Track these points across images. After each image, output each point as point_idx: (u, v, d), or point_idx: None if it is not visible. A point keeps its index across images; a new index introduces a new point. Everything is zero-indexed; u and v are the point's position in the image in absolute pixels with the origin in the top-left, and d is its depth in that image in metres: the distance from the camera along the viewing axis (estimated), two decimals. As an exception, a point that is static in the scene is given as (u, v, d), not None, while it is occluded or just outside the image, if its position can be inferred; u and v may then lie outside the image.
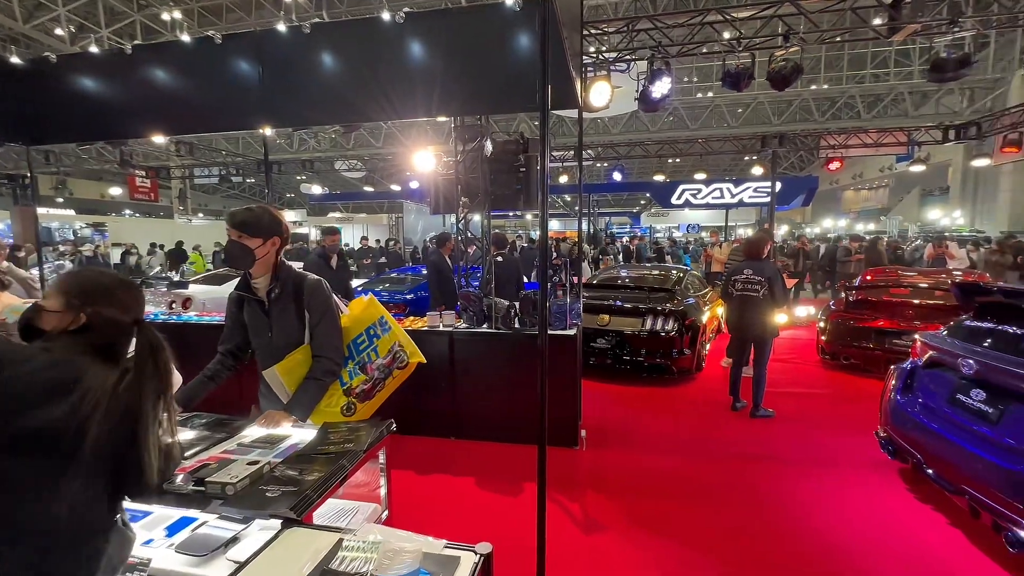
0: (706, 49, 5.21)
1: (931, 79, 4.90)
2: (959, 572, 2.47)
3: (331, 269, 5.00)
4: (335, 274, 5.07)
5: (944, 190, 25.31)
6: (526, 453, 2.68)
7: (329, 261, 5.03)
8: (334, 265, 5.05)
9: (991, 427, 2.53)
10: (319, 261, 5.08)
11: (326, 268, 4.98)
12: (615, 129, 24.49)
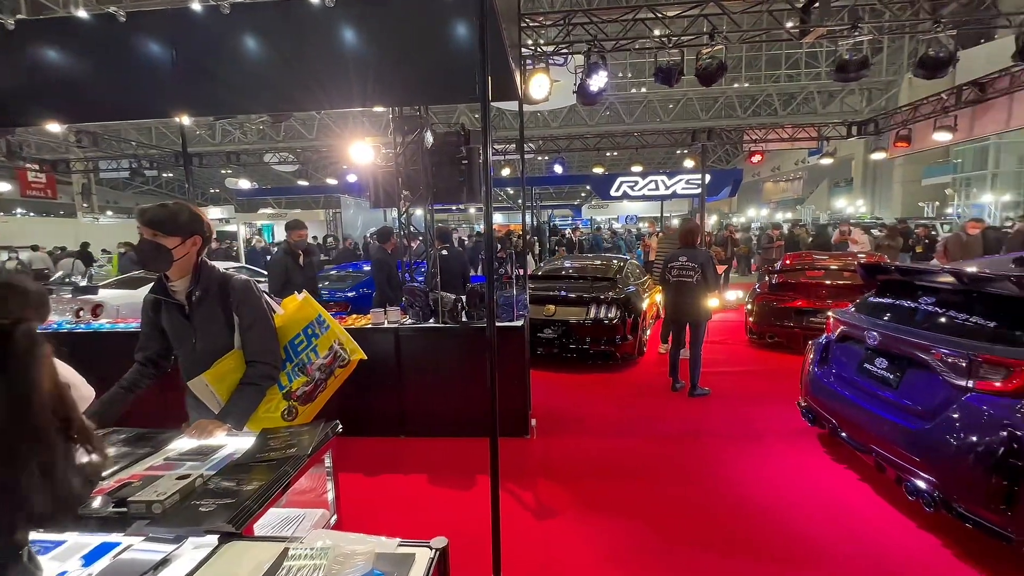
0: (639, 45, 5.40)
1: (836, 79, 5.41)
2: (869, 521, 2.76)
3: (299, 266, 4.67)
4: (305, 272, 4.76)
5: (848, 181, 27.95)
6: (478, 446, 2.68)
7: (297, 259, 4.69)
8: (302, 262, 4.72)
9: (892, 391, 2.84)
10: (285, 259, 4.71)
11: (295, 266, 4.66)
12: (555, 123, 24.88)
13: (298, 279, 4.64)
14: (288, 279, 4.61)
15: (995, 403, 2.29)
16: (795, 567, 2.42)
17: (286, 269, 4.67)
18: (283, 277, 4.61)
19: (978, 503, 2.28)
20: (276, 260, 4.91)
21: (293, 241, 4.74)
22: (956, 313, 2.73)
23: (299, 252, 4.73)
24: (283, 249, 4.83)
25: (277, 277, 4.64)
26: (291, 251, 4.76)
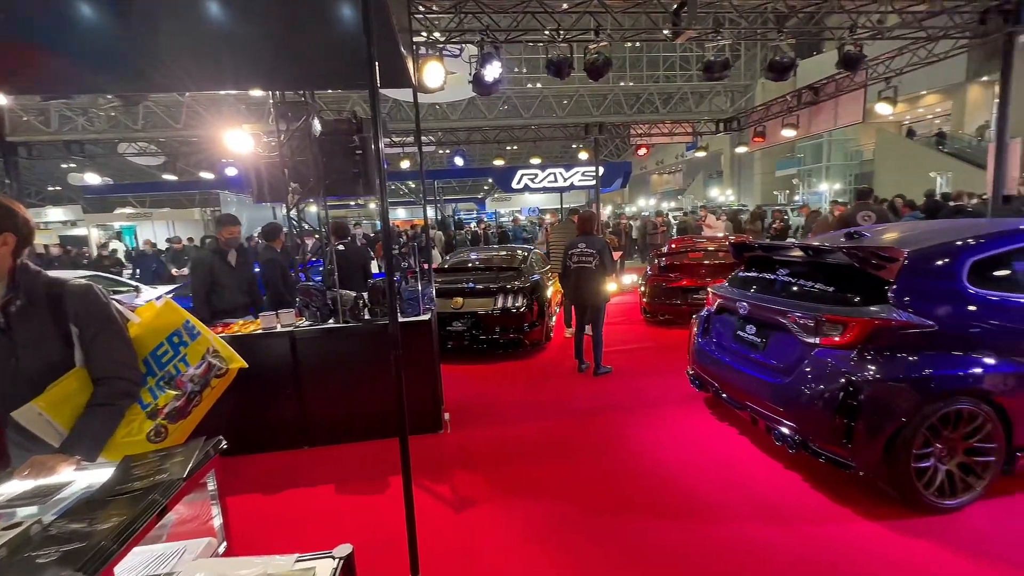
0: (531, 37, 5.53)
1: (704, 78, 6.03)
2: (748, 468, 3.14)
3: (231, 268, 4.12)
4: (237, 273, 4.18)
5: (719, 173, 31.42)
6: (390, 447, 2.58)
7: (226, 257, 4.11)
8: (234, 262, 4.16)
9: (760, 353, 3.24)
10: (213, 259, 4.09)
11: (224, 267, 4.10)
12: (454, 115, 24.66)
13: (228, 282, 4.09)
14: (215, 282, 4.05)
15: (836, 355, 2.72)
16: (693, 519, 2.67)
17: (211, 271, 4.05)
18: (208, 280, 4.04)
19: (827, 441, 2.69)
20: (200, 260, 4.20)
21: (224, 239, 4.12)
22: (806, 282, 3.18)
23: (229, 251, 4.15)
24: (210, 248, 4.15)
25: (201, 280, 4.05)
26: (221, 250, 4.12)
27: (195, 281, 4.13)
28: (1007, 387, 2.58)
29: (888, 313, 2.64)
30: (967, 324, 2.65)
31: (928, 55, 7.22)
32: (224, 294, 4.04)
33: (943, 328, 2.60)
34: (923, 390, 2.53)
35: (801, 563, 2.28)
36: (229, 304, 3.91)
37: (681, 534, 2.55)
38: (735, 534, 2.52)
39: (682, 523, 2.65)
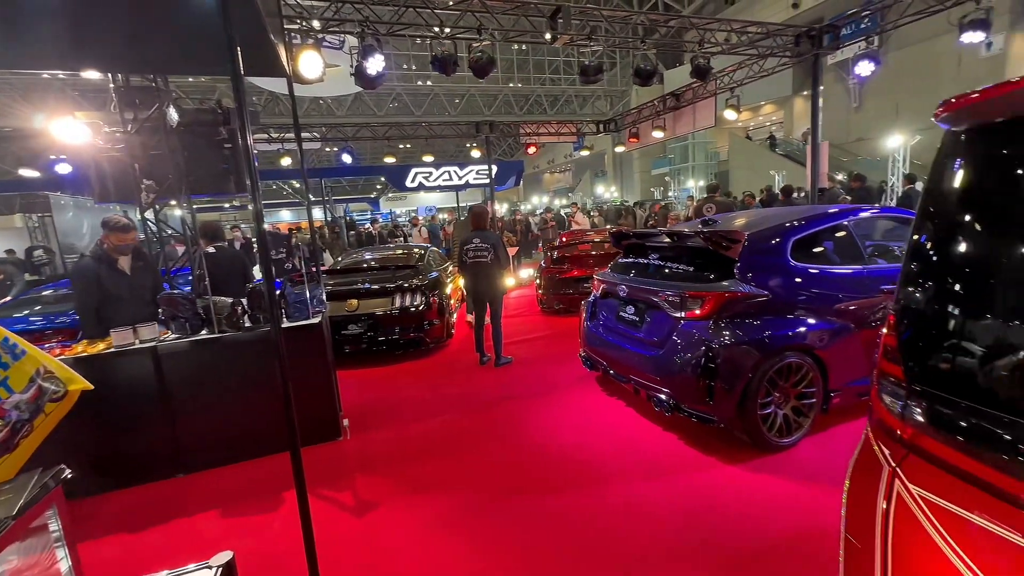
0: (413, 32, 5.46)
1: (582, 82, 6.50)
2: (635, 434, 3.47)
3: (118, 275, 3.55)
4: (134, 281, 3.59)
5: (604, 172, 33.78)
6: (284, 461, 2.41)
7: (116, 265, 3.54)
8: (127, 269, 3.60)
9: (638, 330, 3.59)
10: (99, 267, 3.46)
11: (114, 275, 3.51)
12: (340, 111, 23.42)
13: (123, 292, 3.54)
14: (107, 294, 3.49)
15: (697, 326, 3.11)
16: (587, 486, 2.89)
17: (98, 281, 3.46)
18: (95, 292, 3.48)
19: (695, 401, 3.09)
20: (81, 271, 3.53)
21: (117, 245, 3.52)
22: (673, 264, 3.59)
23: (119, 257, 3.59)
24: (93, 254, 3.57)
25: (86, 293, 3.47)
26: (107, 257, 3.52)
27: (78, 295, 3.55)
28: (823, 341, 3.16)
29: (735, 286, 3.09)
30: (791, 292, 3.19)
31: (760, 70, 8.60)
32: (121, 306, 3.50)
33: (774, 296, 3.11)
34: (763, 349, 3.00)
35: (678, 509, 2.60)
36: (129, 317, 3.37)
37: (577, 501, 2.75)
38: (623, 493, 2.78)
39: (578, 491, 2.85)
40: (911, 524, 1.15)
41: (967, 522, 1.03)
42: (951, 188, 1.12)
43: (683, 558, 2.24)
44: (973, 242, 1.08)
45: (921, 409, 1.12)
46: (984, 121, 1.05)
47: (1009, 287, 1.03)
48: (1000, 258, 1.05)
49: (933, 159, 1.17)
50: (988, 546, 1.00)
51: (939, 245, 1.14)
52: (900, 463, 1.19)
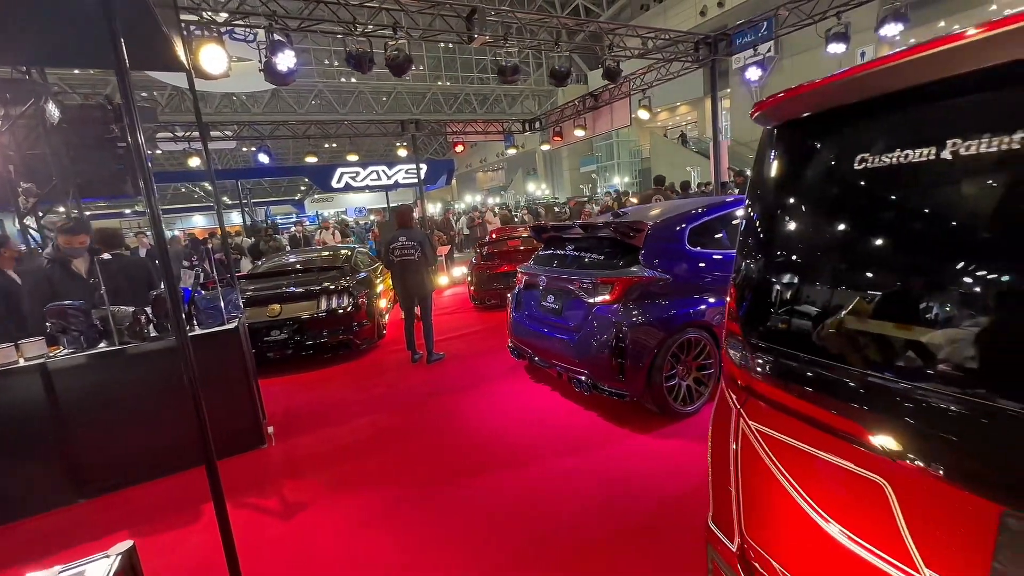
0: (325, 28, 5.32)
1: (500, 81, 6.69)
2: (560, 414, 3.68)
3: (72, 277, 3.46)
4: (88, 285, 3.41)
5: (535, 170, 34.46)
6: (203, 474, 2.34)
7: (69, 267, 3.46)
8: (83, 271, 3.53)
9: (558, 317, 3.80)
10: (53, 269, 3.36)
11: (67, 278, 3.42)
12: (256, 108, 22.08)
13: (73, 295, 3.33)
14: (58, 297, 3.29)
15: (608, 310, 3.37)
16: (514, 467, 3.04)
17: (49, 282, 3.35)
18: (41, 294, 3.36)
19: (609, 379, 3.34)
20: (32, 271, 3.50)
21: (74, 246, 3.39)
22: (587, 254, 3.84)
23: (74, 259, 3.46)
24: (48, 256, 3.44)
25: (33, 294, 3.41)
26: (64, 260, 3.39)
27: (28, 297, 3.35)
28: (718, 318, 3.53)
29: (640, 272, 3.37)
30: (690, 275, 3.54)
31: (667, 73, 9.27)
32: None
33: (675, 279, 3.43)
34: (666, 327, 3.31)
35: (594, 478, 2.82)
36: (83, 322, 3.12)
37: (505, 481, 2.89)
38: (547, 469, 2.97)
39: (506, 473, 3.00)
40: (751, 453, 1.39)
41: (787, 445, 1.27)
42: (768, 176, 1.36)
43: (595, 522, 2.45)
44: (784, 221, 1.33)
45: (753, 359, 1.36)
46: (786, 118, 1.30)
47: (812, 258, 1.27)
48: (804, 233, 1.30)
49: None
50: (801, 461, 1.24)
51: (761, 224, 1.38)
52: (743, 405, 1.43)
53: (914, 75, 0.93)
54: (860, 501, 1.11)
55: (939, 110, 0.98)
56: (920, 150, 0.98)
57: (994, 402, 0.88)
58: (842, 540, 1.14)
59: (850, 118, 1.13)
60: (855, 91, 1.07)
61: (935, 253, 1.00)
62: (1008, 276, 0.87)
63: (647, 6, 22.99)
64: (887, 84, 0.99)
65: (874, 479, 1.08)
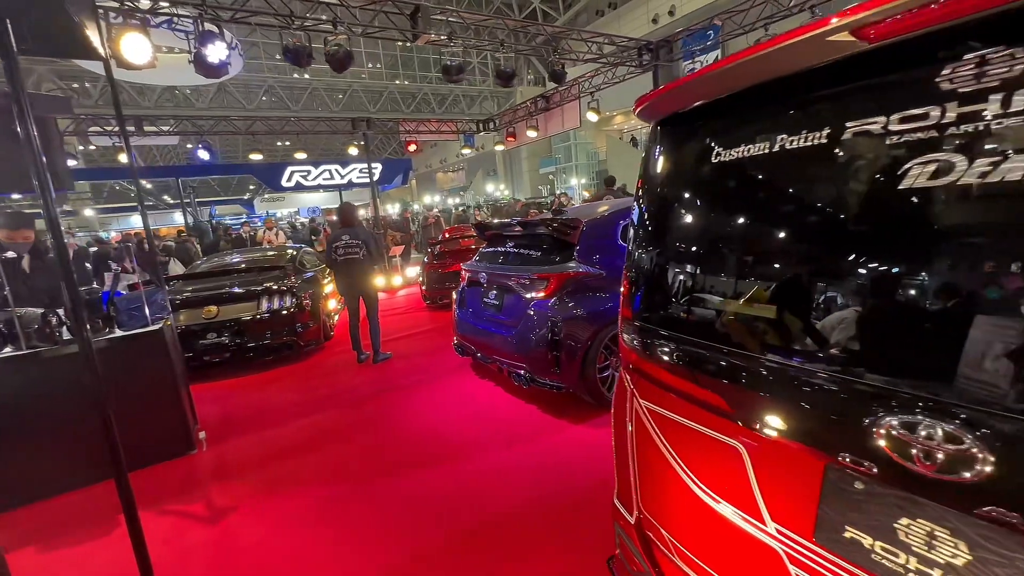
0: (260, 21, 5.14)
1: (445, 80, 6.70)
2: (500, 408, 3.73)
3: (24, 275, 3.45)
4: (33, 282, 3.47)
5: (495, 171, 34.54)
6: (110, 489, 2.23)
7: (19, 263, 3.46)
8: (28, 267, 3.52)
9: (499, 313, 3.86)
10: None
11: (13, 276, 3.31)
12: (200, 102, 21.06)
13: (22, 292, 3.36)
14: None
15: (544, 305, 3.45)
16: (454, 460, 3.06)
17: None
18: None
19: (545, 372, 3.42)
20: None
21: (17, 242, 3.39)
22: (526, 250, 3.91)
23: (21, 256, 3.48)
24: None
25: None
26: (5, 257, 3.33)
27: None
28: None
29: (575, 267, 3.47)
30: (621, 269, 3.67)
31: (614, 76, 9.56)
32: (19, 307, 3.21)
33: (608, 274, 3.55)
34: (599, 320, 3.42)
35: (531, 468, 2.88)
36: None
37: (441, 475, 2.91)
38: (486, 462, 3.00)
39: (445, 466, 3.01)
40: (643, 430, 1.48)
41: (669, 420, 1.36)
42: (651, 171, 1.45)
43: (525, 508, 2.51)
44: (663, 214, 1.42)
45: (641, 342, 1.45)
46: (661, 115, 1.39)
47: (686, 247, 1.37)
48: (678, 225, 1.39)
49: (648, 147, 1.50)
50: (679, 434, 1.33)
51: (646, 217, 1.47)
52: (635, 386, 1.51)
53: (748, 76, 1.03)
54: (723, 466, 1.20)
55: (779, 107, 1.08)
56: (760, 145, 1.08)
57: (815, 372, 0.98)
58: (711, 503, 1.24)
59: (711, 115, 1.23)
60: (708, 89, 1.16)
61: (782, 242, 1.11)
62: (832, 263, 0.98)
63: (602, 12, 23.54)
64: (731, 84, 1.09)
65: (733, 444, 1.17)
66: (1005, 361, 0.72)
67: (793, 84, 0.98)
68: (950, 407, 0.78)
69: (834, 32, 0.81)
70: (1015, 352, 0.71)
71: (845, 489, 0.96)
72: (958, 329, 0.77)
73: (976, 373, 0.75)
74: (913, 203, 0.81)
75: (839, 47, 0.82)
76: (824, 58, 0.87)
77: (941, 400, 0.79)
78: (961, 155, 0.75)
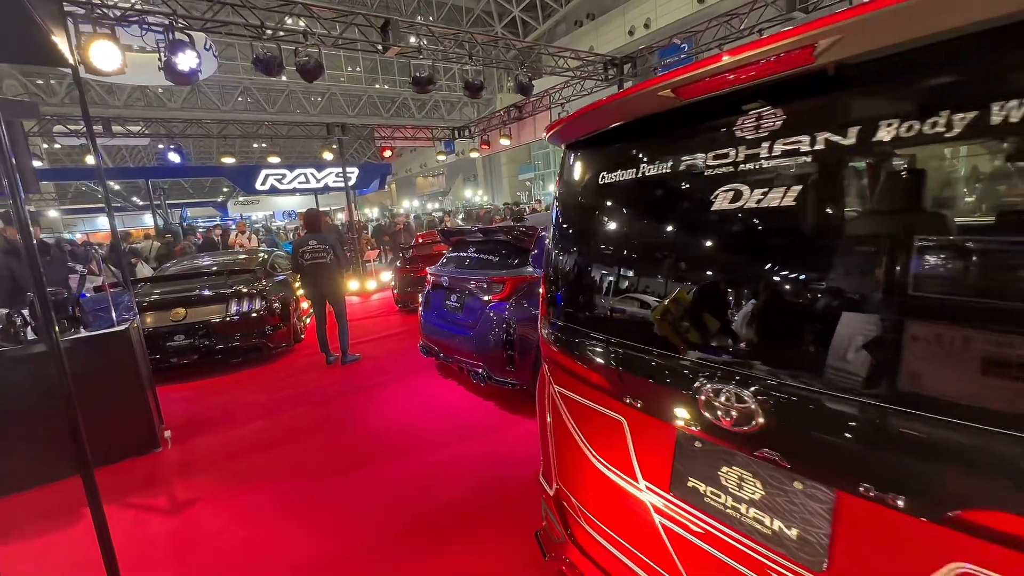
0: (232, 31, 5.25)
1: (415, 90, 6.90)
2: (460, 406, 3.92)
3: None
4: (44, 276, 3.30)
5: (475, 176, 34.78)
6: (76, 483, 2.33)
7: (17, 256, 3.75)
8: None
9: (460, 315, 4.06)
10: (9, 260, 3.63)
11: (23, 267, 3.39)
12: (173, 103, 20.75)
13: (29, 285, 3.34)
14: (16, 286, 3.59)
15: (500, 307, 3.66)
16: (414, 453, 3.24)
17: (10, 272, 3.63)
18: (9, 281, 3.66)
19: (501, 370, 3.62)
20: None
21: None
22: (487, 255, 4.13)
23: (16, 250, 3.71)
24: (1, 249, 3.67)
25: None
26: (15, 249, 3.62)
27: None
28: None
29: (531, 271, 3.70)
30: (575, 274, 3.91)
31: (582, 89, 9.93)
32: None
33: (561, 278, 3.79)
34: (551, 321, 3.65)
35: (483, 460, 3.08)
36: None
37: (400, 467, 3.08)
38: (443, 454, 3.19)
39: (405, 459, 3.18)
40: (557, 412, 1.70)
41: (574, 401, 1.59)
42: (562, 186, 1.69)
43: (473, 495, 2.70)
44: (569, 223, 1.65)
45: (553, 334, 1.67)
46: (564, 140, 1.63)
47: (585, 253, 1.60)
48: (580, 233, 1.62)
49: (564, 166, 1.73)
50: (581, 412, 1.56)
51: (559, 226, 1.70)
52: (552, 373, 1.74)
53: (614, 116, 1.27)
54: (612, 438, 1.43)
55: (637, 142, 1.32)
56: (629, 171, 1.32)
57: (663, 355, 1.22)
58: (604, 471, 1.47)
59: (598, 143, 1.47)
60: (588, 124, 1.40)
61: (641, 251, 1.35)
62: (672, 269, 1.22)
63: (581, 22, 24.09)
64: (604, 122, 1.32)
65: (617, 418, 1.40)
66: (764, 338, 0.97)
67: (647, 124, 1.22)
68: (736, 376, 1.02)
69: (661, 90, 1.05)
70: (770, 330, 0.96)
71: (688, 448, 1.20)
72: (745, 317, 1.01)
73: (747, 348, 1.00)
74: (720, 222, 1.05)
75: (665, 101, 1.06)
76: (657, 109, 1.11)
77: (732, 371, 1.03)
78: (746, 185, 0.99)
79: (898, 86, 0.79)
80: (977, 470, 0.74)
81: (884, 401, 0.83)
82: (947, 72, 0.73)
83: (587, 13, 20.91)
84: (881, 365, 0.84)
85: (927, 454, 0.79)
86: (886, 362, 0.83)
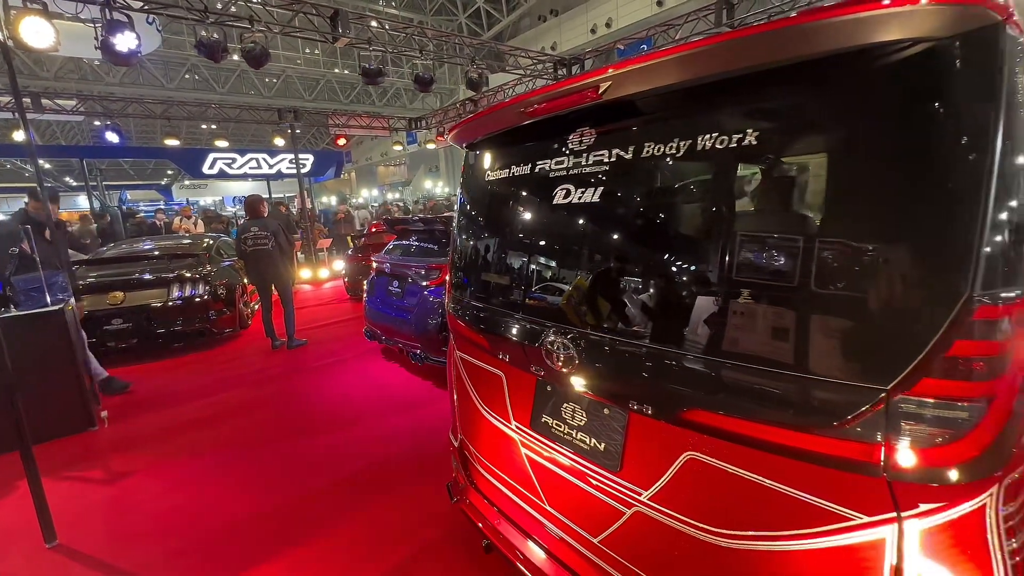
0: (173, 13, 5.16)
1: (365, 81, 7.00)
2: (398, 385, 4.15)
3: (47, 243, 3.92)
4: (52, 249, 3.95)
5: (437, 167, 34.59)
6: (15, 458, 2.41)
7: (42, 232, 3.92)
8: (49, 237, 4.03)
9: (400, 300, 4.29)
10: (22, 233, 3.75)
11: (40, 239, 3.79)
12: (112, 77, 19.52)
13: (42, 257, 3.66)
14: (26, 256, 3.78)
15: (434, 292, 3.92)
16: (351, 427, 3.45)
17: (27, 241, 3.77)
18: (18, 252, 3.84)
19: (436, 352, 3.89)
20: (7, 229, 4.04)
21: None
22: (426, 244, 4.37)
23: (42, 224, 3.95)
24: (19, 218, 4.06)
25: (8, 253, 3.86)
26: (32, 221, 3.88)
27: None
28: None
29: (466, 259, 3.97)
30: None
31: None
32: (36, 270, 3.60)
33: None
34: (484, 306, 3.95)
35: (413, 430, 3.34)
36: None
37: (336, 438, 3.30)
38: (377, 427, 3.43)
39: (339, 431, 3.40)
40: (458, 373, 1.99)
41: (469, 362, 1.88)
42: (463, 182, 1.97)
43: (397, 460, 2.97)
44: (465, 212, 1.94)
45: (453, 306, 1.96)
46: (461, 142, 1.91)
47: (480, 240, 1.89)
48: (473, 221, 1.91)
49: (469, 164, 2.01)
50: (474, 371, 1.85)
51: (460, 215, 1.98)
52: (456, 340, 2.03)
53: (490, 126, 1.56)
54: (495, 390, 1.74)
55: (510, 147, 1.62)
56: (504, 171, 1.61)
57: (524, 317, 1.53)
58: (489, 418, 1.77)
59: (487, 145, 1.76)
60: (476, 129, 1.69)
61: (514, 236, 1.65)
62: (532, 250, 1.53)
63: (544, 18, 24.34)
64: (487, 128, 1.61)
65: (498, 373, 1.71)
66: (584, 302, 1.29)
67: (515, 133, 1.52)
68: (568, 331, 1.34)
69: (515, 109, 1.34)
70: (588, 295, 1.29)
71: (543, 391, 1.52)
72: (574, 285, 1.34)
73: (573, 309, 1.33)
74: (557, 213, 1.37)
75: (520, 118, 1.36)
76: (513, 124, 1.41)
77: (565, 327, 1.35)
78: (572, 185, 1.31)
79: (649, 120, 1.12)
80: (699, 385, 1.08)
81: (651, 342, 1.16)
82: (670, 112, 1.07)
83: (551, 9, 21.20)
84: (650, 318, 1.17)
85: (672, 377, 1.12)
86: (652, 315, 1.17)
